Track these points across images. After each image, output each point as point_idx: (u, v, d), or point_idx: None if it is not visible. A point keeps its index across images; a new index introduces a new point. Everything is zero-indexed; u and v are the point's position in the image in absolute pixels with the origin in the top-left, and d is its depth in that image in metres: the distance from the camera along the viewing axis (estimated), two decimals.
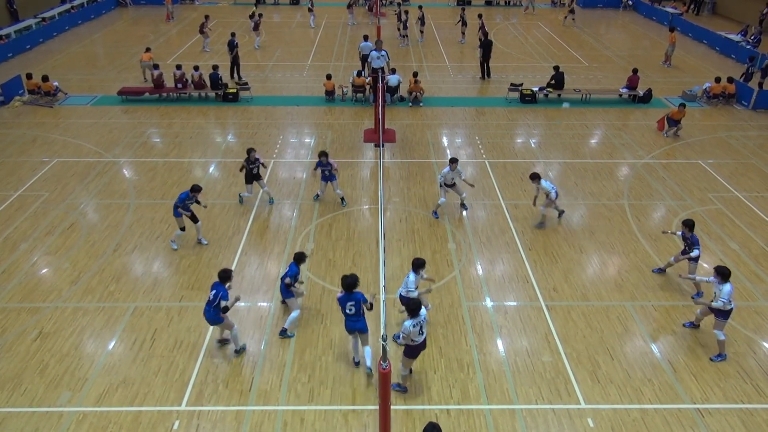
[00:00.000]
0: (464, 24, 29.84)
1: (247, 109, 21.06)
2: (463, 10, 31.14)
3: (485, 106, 21.50)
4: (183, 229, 12.74)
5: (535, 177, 13.30)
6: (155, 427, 8.70)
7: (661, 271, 12.24)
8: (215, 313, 9.62)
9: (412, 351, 8.99)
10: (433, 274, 12.14)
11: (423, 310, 8.85)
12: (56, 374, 9.61)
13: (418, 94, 21.39)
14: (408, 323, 8.71)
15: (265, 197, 14.90)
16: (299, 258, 10.40)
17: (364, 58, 23.32)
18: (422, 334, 8.88)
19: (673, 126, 18.75)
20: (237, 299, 9.99)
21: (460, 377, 9.63)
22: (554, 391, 9.38)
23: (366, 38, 23.83)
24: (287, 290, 10.32)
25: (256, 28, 28.83)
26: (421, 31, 30.33)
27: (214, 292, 9.60)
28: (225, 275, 9.68)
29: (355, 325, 9.48)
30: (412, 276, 9.91)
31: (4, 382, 9.44)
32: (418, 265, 9.94)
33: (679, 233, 11.72)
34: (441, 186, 13.93)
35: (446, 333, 10.57)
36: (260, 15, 29.95)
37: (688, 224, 11.31)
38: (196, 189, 12.55)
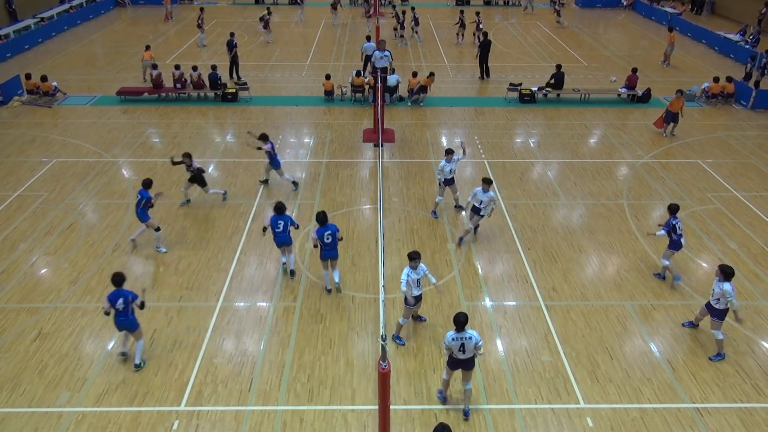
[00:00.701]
0: (462, 26, 29.73)
1: (246, 109, 21.06)
2: (462, 12, 30.98)
3: (484, 105, 21.51)
4: (158, 229, 12.68)
5: (488, 182, 12.38)
6: (155, 427, 8.70)
7: (660, 276, 12.11)
8: (133, 318, 9.43)
9: (453, 363, 8.67)
10: (432, 274, 12.13)
11: (473, 332, 8.43)
12: (55, 374, 9.61)
13: (421, 95, 21.30)
14: (450, 335, 8.42)
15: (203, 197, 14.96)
16: (280, 207, 11.39)
17: (367, 59, 23.32)
18: (463, 353, 8.46)
19: (671, 121, 18.70)
20: (144, 290, 9.66)
21: (460, 377, 9.62)
22: (553, 391, 9.39)
23: (369, 39, 23.82)
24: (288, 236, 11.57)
25: (266, 26, 29.17)
26: (417, 32, 30.29)
27: (121, 299, 9.21)
28: (120, 279, 9.33)
29: (330, 253, 11.11)
30: (405, 270, 9.73)
31: (3, 383, 9.43)
32: (411, 258, 9.73)
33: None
34: (439, 184, 13.89)
35: (445, 333, 10.55)
36: (270, 13, 30.22)
37: (671, 208, 11.39)
38: (148, 184, 12.38)
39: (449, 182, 13.90)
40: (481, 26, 28.15)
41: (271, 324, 10.79)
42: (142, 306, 9.42)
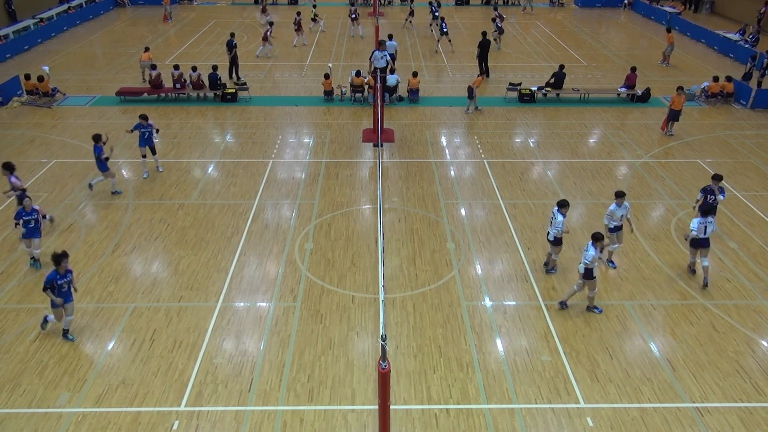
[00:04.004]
0: (502, 32, 28.69)
1: (245, 109, 21.05)
2: (496, 17, 29.85)
3: (484, 105, 21.49)
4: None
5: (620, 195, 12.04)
6: (155, 427, 8.70)
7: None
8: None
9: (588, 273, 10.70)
10: (431, 274, 12.17)
11: (591, 250, 10.42)
12: (55, 375, 9.60)
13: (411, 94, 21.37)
14: (590, 250, 10.51)
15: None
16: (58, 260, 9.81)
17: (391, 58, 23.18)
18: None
19: (674, 120, 18.71)
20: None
21: (460, 377, 9.64)
22: (553, 391, 9.39)
23: (391, 38, 23.72)
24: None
25: (299, 27, 28.64)
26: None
27: (65, 279, 9.95)
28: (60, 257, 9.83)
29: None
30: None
31: (3, 383, 9.43)
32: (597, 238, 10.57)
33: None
34: (611, 230, 12.16)
35: (445, 332, 10.58)
36: (298, 13, 29.71)
37: (717, 177, 12.68)
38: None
39: (618, 228, 12.17)
40: (500, 21, 28.73)
41: (271, 324, 10.79)
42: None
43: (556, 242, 11.79)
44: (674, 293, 11.67)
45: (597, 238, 10.56)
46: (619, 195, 11.85)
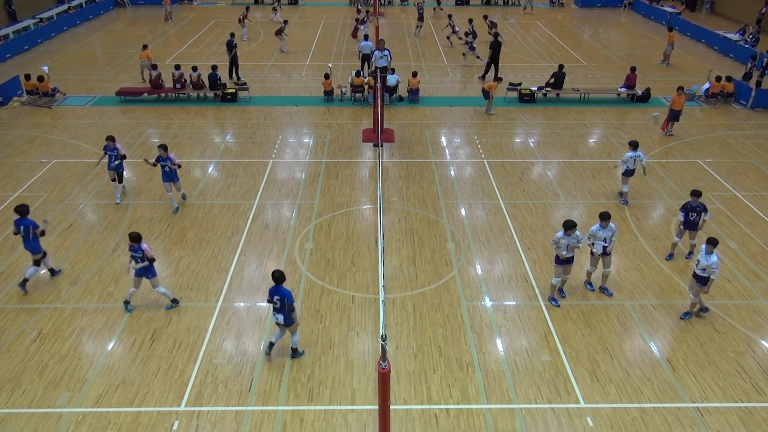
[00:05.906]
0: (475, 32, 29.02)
1: (245, 109, 21.06)
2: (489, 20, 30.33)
3: (484, 105, 21.48)
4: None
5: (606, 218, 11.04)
6: (155, 427, 8.70)
7: (671, 256, 12.69)
8: (35, 243, 11.31)
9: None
10: (431, 274, 12.16)
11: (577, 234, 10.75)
12: (55, 375, 9.61)
13: (411, 94, 21.38)
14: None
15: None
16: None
17: (364, 58, 23.32)
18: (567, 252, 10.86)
19: (674, 120, 18.72)
20: (45, 221, 11.57)
21: (460, 377, 9.64)
22: (553, 391, 9.39)
23: (366, 38, 23.84)
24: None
25: (279, 32, 28.12)
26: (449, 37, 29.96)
27: (22, 227, 11.12)
28: (24, 209, 11.11)
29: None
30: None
31: (3, 383, 9.43)
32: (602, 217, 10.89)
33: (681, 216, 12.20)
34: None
35: (445, 332, 10.58)
36: (276, 13, 29.80)
37: (696, 193, 11.94)
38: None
39: (703, 279, 10.43)
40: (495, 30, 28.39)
41: (271, 324, 10.78)
42: (42, 233, 11.27)
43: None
44: (674, 293, 11.67)
45: (603, 217, 10.87)
46: (711, 244, 10.17)
